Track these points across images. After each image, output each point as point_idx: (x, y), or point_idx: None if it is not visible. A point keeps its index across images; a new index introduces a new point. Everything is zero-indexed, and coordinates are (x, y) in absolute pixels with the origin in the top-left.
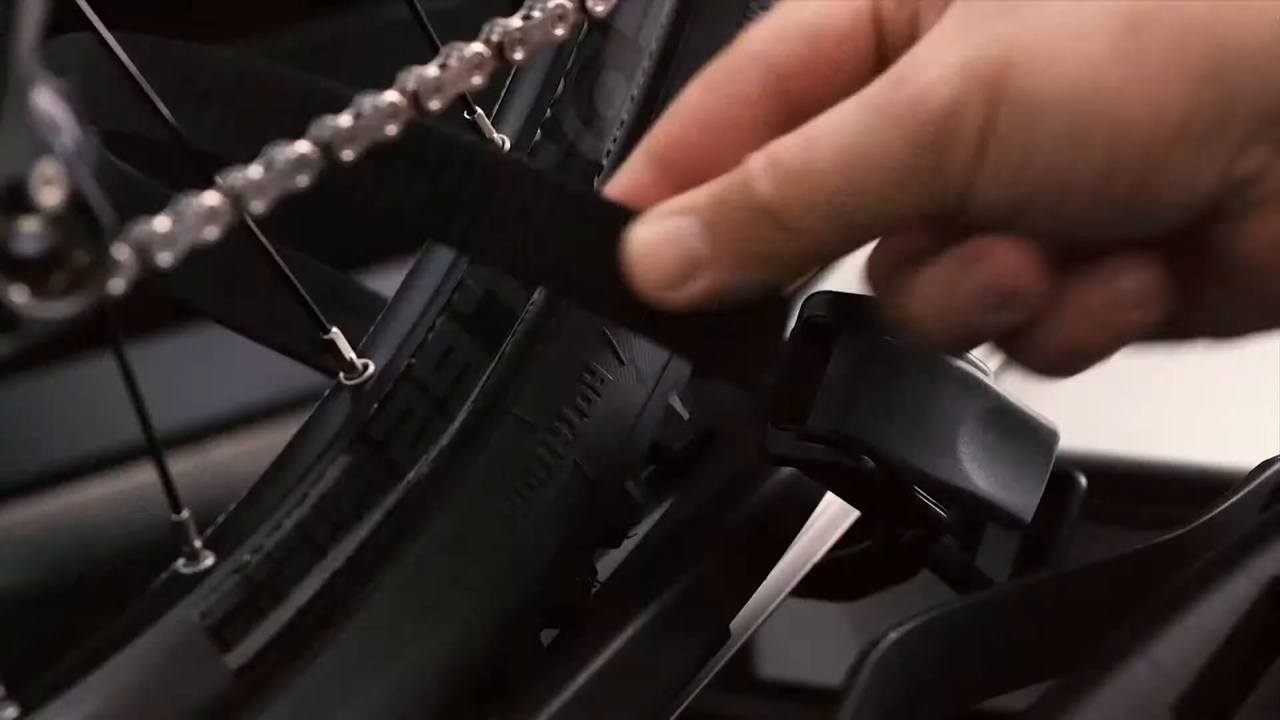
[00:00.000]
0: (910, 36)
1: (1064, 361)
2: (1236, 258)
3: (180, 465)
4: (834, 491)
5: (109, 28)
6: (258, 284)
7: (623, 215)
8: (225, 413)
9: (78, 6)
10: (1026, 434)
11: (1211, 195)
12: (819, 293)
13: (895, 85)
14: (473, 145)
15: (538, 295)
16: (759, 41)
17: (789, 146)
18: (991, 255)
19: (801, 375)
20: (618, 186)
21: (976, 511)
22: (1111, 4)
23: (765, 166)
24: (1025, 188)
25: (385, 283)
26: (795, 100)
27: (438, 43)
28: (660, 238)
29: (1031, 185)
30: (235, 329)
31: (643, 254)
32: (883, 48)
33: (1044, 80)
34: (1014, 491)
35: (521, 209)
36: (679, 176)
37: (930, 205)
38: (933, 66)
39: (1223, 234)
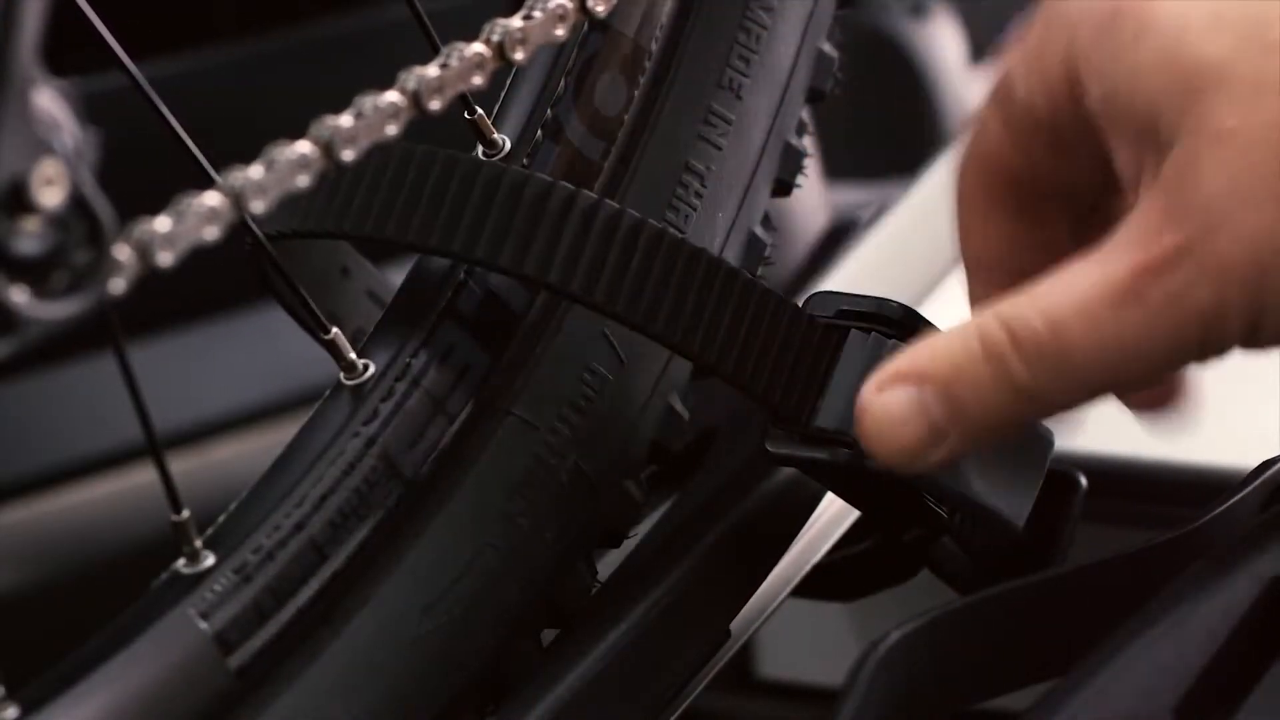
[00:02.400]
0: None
1: None
2: None
3: (180, 465)
4: (835, 491)
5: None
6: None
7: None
8: (225, 413)
9: (79, 8)
10: (1023, 438)
11: None
12: (822, 292)
13: (1145, 274)
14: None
15: (539, 295)
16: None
17: (1033, 326)
18: None
19: (805, 375)
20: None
21: (971, 515)
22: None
23: (1010, 345)
24: None
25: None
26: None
27: (438, 43)
28: (903, 410)
29: None
30: None
31: (884, 426)
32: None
33: None
34: (1009, 497)
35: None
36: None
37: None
38: (1185, 263)
39: None
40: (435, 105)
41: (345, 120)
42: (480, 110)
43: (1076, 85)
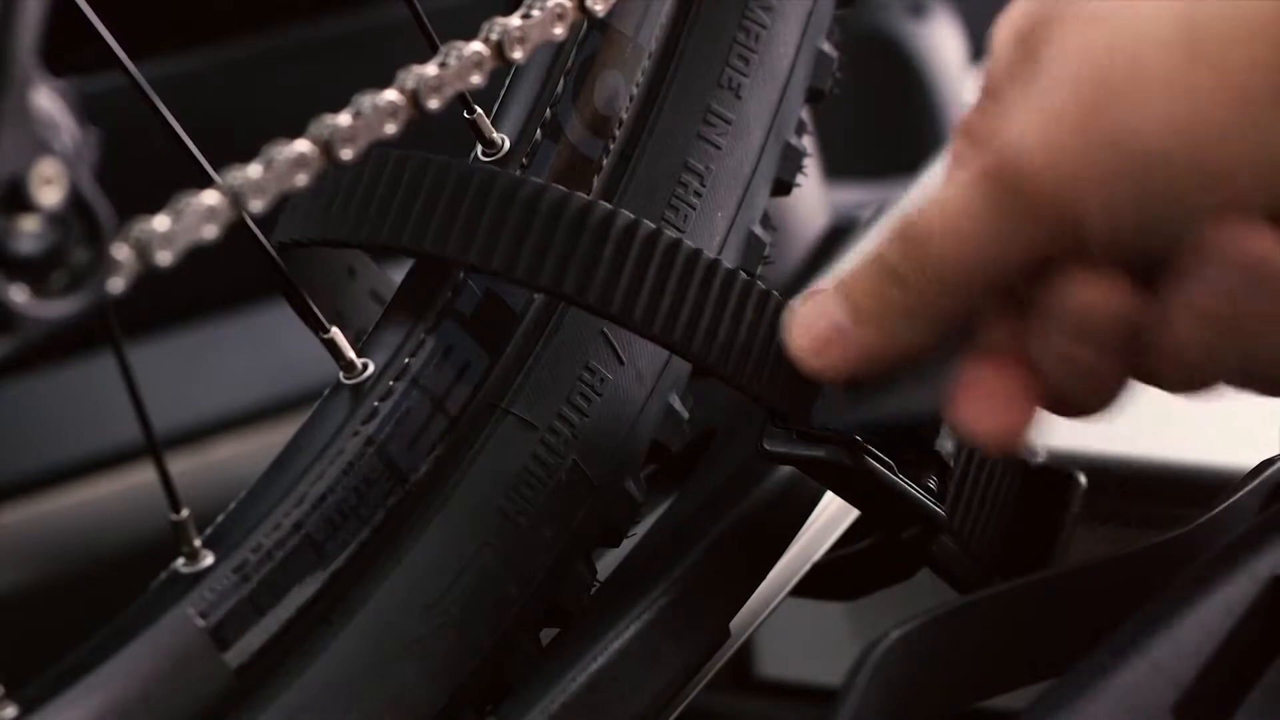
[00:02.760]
0: None
1: (1191, 371)
2: None
3: (180, 465)
4: (833, 490)
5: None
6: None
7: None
8: (225, 412)
9: (79, 8)
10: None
11: None
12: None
13: (989, 176)
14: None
15: (537, 295)
16: None
17: (909, 216)
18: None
19: (801, 374)
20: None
21: (974, 511)
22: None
23: (885, 241)
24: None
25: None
26: None
27: (437, 42)
28: (812, 312)
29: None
30: None
31: (797, 325)
32: None
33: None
34: (920, 395)
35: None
36: None
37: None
38: (1012, 129)
39: None
40: (434, 104)
41: (344, 119)
42: (479, 109)
43: None
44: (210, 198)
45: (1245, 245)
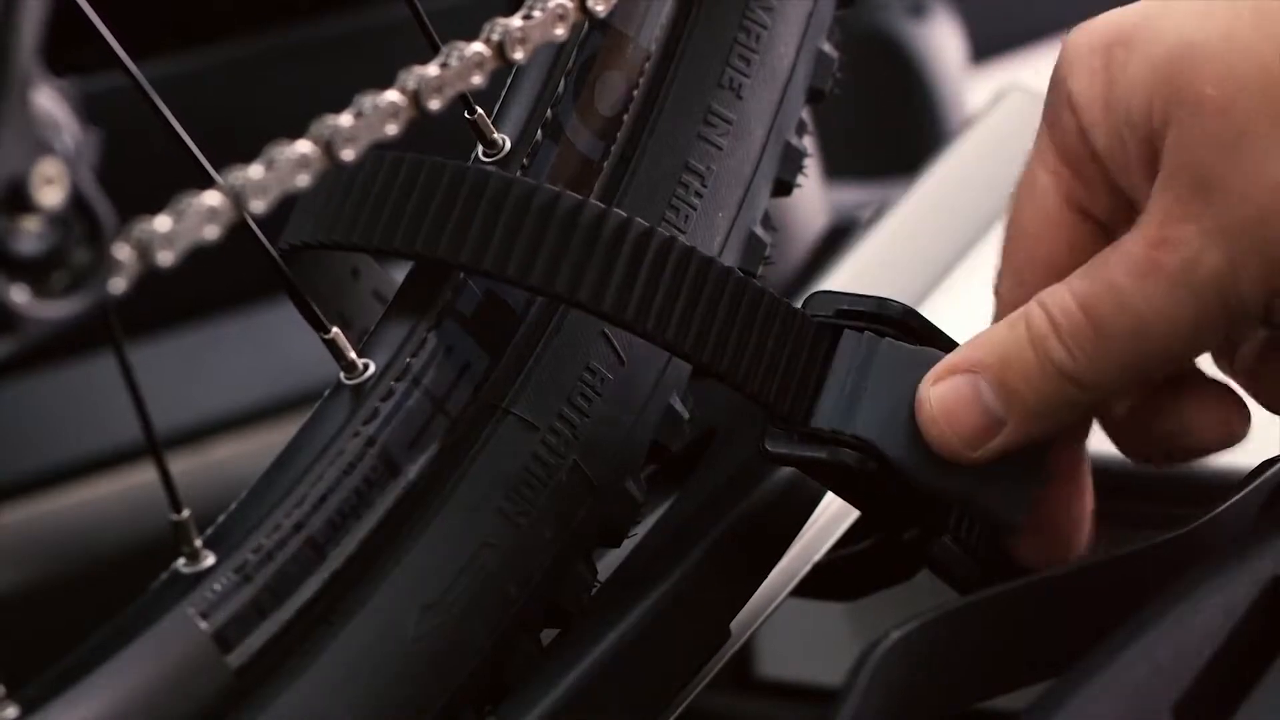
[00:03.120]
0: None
1: None
2: None
3: (180, 465)
4: (834, 491)
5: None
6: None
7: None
8: (225, 412)
9: (79, 8)
10: None
11: None
12: (821, 292)
13: (1160, 246)
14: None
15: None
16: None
17: (1068, 307)
18: None
19: (803, 375)
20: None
21: (971, 512)
22: None
23: (1050, 328)
24: None
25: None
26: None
27: (438, 42)
28: (959, 399)
29: None
30: None
31: (943, 415)
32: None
33: None
34: (1009, 494)
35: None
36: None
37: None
38: (1192, 230)
39: None
40: (435, 105)
41: (345, 120)
42: (480, 110)
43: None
44: (212, 198)
45: None
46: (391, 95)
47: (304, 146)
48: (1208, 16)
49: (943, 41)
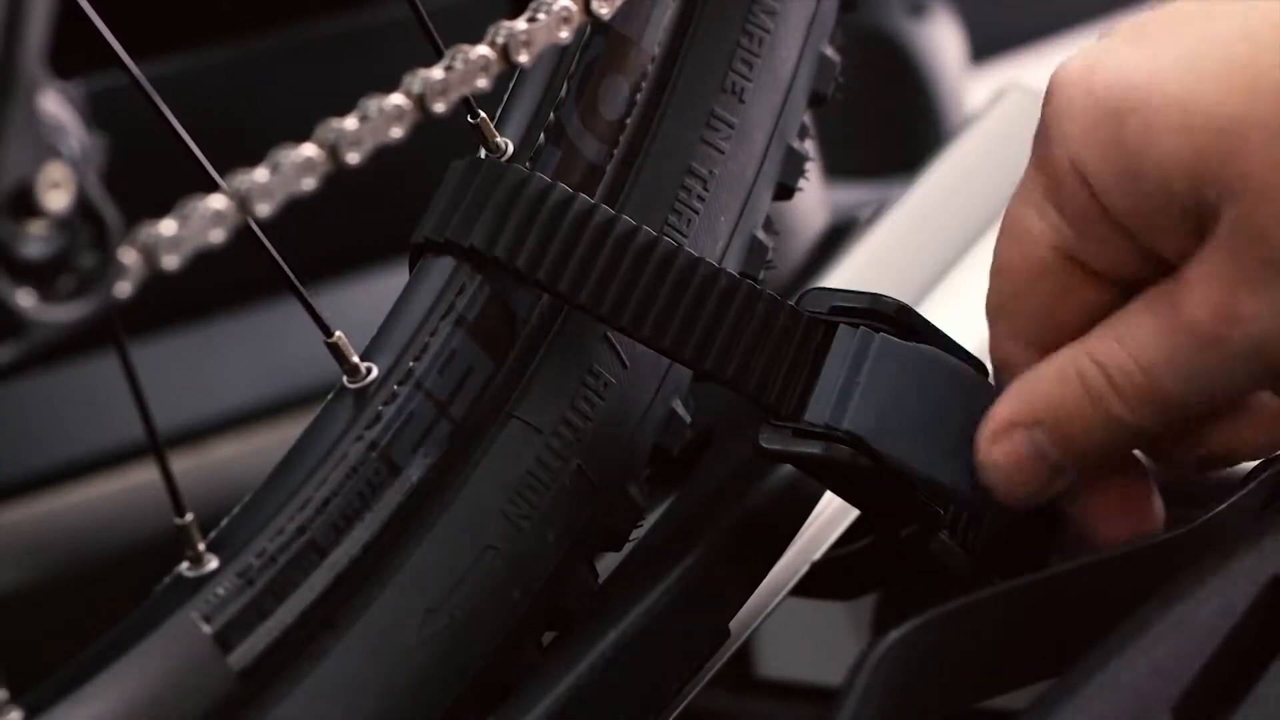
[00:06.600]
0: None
1: None
2: None
3: (183, 466)
4: (830, 487)
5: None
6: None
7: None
8: (226, 412)
9: (84, 12)
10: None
11: None
12: (816, 289)
13: (1225, 323)
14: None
15: (541, 299)
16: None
17: (1129, 370)
18: None
19: (797, 371)
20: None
21: (969, 509)
22: None
23: (1110, 388)
24: None
25: (388, 283)
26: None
27: (439, 44)
28: (1022, 457)
29: None
30: None
31: (1008, 474)
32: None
33: None
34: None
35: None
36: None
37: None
38: (1262, 314)
39: None
40: (440, 108)
41: (350, 123)
42: (483, 114)
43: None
44: (217, 202)
45: None
46: (396, 98)
47: (309, 150)
48: (1228, 90)
49: (943, 41)
